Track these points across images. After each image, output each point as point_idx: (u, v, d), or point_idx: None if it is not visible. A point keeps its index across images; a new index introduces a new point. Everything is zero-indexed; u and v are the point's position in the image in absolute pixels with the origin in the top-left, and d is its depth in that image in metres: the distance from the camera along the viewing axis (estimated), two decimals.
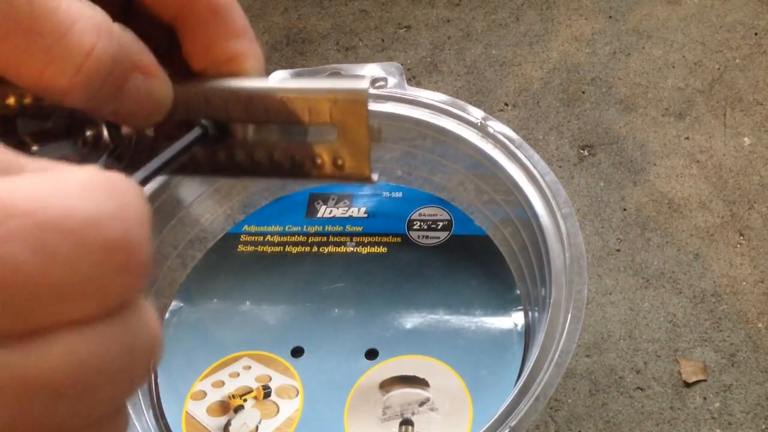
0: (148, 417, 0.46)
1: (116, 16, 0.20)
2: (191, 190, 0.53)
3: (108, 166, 0.22)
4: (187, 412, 0.46)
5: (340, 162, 0.21)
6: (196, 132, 0.21)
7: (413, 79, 0.76)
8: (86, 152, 0.23)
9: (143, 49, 0.20)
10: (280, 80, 0.21)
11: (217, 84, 0.22)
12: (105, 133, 0.22)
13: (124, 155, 0.23)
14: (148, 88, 0.20)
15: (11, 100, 0.22)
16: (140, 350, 0.15)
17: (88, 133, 0.22)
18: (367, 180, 0.21)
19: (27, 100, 0.22)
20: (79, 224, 0.14)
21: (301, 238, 0.54)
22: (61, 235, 0.13)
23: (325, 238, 0.54)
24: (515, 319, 0.48)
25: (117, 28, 0.19)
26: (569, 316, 0.41)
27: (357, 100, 0.20)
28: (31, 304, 0.13)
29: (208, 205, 0.55)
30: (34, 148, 0.22)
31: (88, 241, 0.14)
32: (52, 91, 0.19)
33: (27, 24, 0.18)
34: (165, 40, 0.23)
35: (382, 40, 0.80)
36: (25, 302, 0.13)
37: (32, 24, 0.18)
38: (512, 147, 0.48)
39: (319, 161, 0.21)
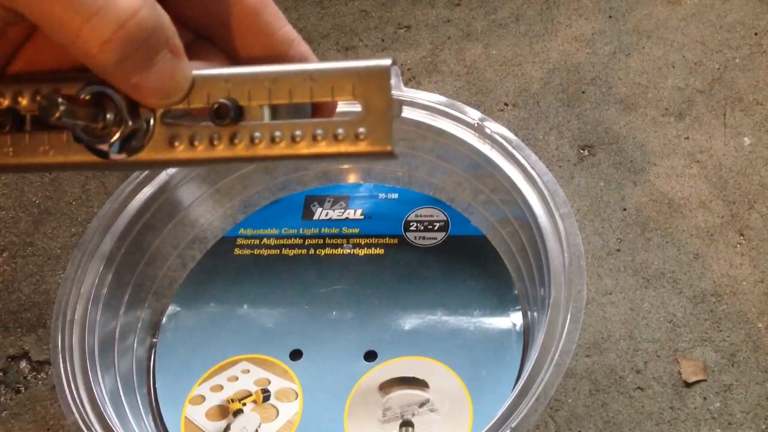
0: (147, 422, 0.46)
1: None
2: (191, 190, 0.53)
3: (124, 151, 0.23)
4: (185, 416, 0.46)
5: (361, 137, 0.21)
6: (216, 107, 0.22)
7: (413, 79, 0.76)
8: (105, 132, 0.23)
9: (175, 33, 0.22)
10: (301, 64, 0.22)
11: (239, 69, 0.23)
12: (125, 111, 0.22)
13: (140, 140, 0.23)
14: (173, 67, 0.22)
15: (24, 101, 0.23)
16: None
17: (109, 115, 0.22)
18: (389, 154, 0.21)
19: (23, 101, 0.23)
20: None
21: (298, 241, 0.54)
22: None
23: (322, 240, 0.54)
24: (514, 319, 0.48)
25: (159, 6, 0.21)
26: (569, 316, 0.41)
27: (380, 74, 0.21)
28: None
29: (208, 205, 0.55)
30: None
31: None
32: (87, 46, 0.20)
33: None
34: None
35: (382, 40, 0.80)
36: None
37: None
38: (510, 147, 0.47)
39: (340, 137, 0.21)
